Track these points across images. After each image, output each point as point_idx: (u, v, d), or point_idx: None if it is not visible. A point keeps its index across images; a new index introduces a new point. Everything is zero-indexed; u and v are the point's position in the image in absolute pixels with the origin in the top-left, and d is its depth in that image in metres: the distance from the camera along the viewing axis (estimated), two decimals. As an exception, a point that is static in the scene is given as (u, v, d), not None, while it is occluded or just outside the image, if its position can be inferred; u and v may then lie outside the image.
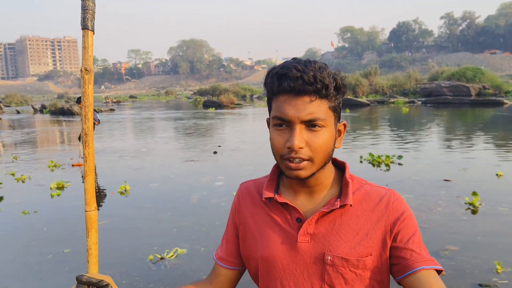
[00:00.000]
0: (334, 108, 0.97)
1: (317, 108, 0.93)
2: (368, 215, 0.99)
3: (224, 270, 1.15)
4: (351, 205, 0.99)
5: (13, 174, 8.54)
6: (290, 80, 0.92)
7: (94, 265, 0.90)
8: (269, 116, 1.02)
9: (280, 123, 0.95)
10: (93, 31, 0.85)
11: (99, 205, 6.57)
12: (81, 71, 0.87)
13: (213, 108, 32.18)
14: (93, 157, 0.89)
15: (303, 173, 0.95)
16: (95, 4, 0.86)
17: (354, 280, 0.97)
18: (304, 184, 1.01)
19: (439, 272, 0.95)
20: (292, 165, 0.94)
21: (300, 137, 0.92)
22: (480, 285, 3.50)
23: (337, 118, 0.99)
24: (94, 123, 10.48)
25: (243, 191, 1.15)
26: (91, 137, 0.88)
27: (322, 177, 1.01)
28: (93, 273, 0.90)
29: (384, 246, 0.98)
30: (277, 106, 0.95)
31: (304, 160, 0.93)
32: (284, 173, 0.98)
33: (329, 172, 1.03)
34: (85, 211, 0.89)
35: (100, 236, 4.82)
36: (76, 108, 29.88)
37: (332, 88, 0.94)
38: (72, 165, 9.77)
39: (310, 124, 0.93)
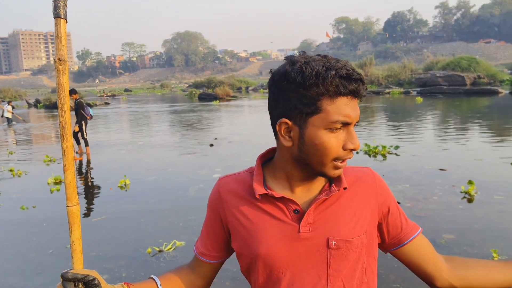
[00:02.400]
0: None
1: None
2: (361, 195, 1.04)
3: (205, 263, 1.15)
4: (345, 188, 1.02)
5: (11, 170, 8.48)
6: (354, 82, 0.92)
7: (79, 260, 0.89)
8: (300, 117, 0.95)
9: (338, 127, 0.94)
10: (65, 19, 0.83)
11: (99, 199, 6.57)
12: (54, 61, 0.85)
13: (217, 101, 31.65)
14: (72, 150, 0.87)
15: (341, 171, 1.00)
16: None
17: (356, 260, 1.00)
18: (307, 177, 1.02)
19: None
20: (342, 164, 0.97)
21: None
22: (476, 272, 3.53)
23: None
24: (87, 118, 10.40)
25: (224, 187, 1.10)
26: (69, 130, 0.85)
27: None
28: (78, 268, 0.89)
29: (374, 222, 1.05)
30: (338, 109, 0.92)
31: None
32: (326, 173, 0.97)
33: None
34: (67, 206, 0.87)
35: (99, 231, 4.84)
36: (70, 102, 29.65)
37: None
38: None
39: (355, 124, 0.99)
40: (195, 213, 5.44)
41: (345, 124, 0.94)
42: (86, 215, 5.74)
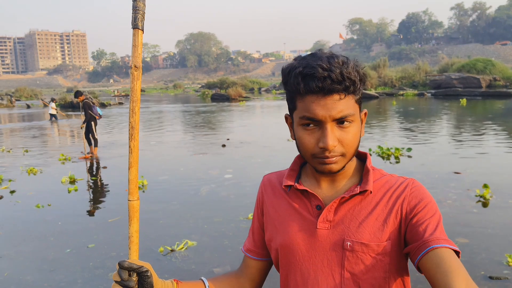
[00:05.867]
0: (359, 100, 0.97)
1: (346, 105, 0.92)
2: (387, 200, 0.99)
3: (253, 261, 1.17)
4: (371, 192, 0.99)
5: (31, 170, 8.58)
6: (317, 81, 0.89)
7: (135, 252, 0.94)
8: (290, 113, 1.02)
9: (309, 123, 0.94)
10: (142, 30, 0.90)
11: (114, 200, 6.63)
12: (130, 67, 0.91)
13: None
14: (138, 149, 0.93)
15: (336, 167, 0.96)
16: (145, 5, 0.91)
17: (374, 266, 0.96)
18: (328, 174, 1.02)
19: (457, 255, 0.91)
20: (326, 161, 0.94)
21: (333, 136, 0.92)
22: (490, 277, 3.49)
23: (360, 108, 1.00)
24: (96, 118, 10.54)
25: (265, 182, 1.17)
26: (137, 130, 0.92)
27: (346, 166, 1.02)
28: (134, 259, 0.93)
29: (401, 230, 0.97)
30: (305, 106, 0.93)
31: (337, 156, 0.95)
32: (315, 168, 0.98)
33: (352, 161, 1.04)
34: (128, 200, 0.93)
35: (112, 231, 4.87)
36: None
37: (359, 83, 0.94)
38: (79, 158, 9.90)
39: (340, 122, 0.93)
40: (206, 214, 5.46)
41: (316, 121, 0.93)
42: (102, 216, 5.80)
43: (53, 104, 22.57)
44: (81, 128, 10.56)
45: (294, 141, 1.02)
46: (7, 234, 5.08)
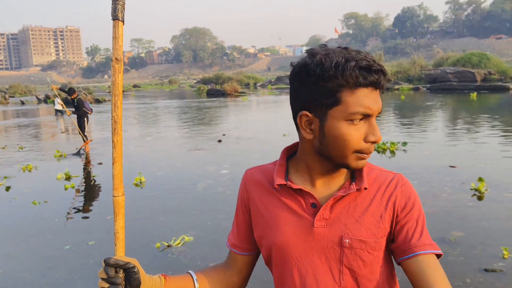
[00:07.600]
0: None
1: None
2: (380, 197, 1.01)
3: (239, 256, 1.16)
4: (365, 188, 1.00)
5: (27, 167, 8.55)
6: (375, 73, 0.91)
7: (121, 248, 0.93)
8: (321, 108, 0.95)
9: (360, 118, 0.93)
10: (123, 21, 0.88)
11: (110, 197, 6.61)
12: (111, 60, 0.89)
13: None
14: (121, 144, 0.91)
15: (365, 162, 0.99)
16: None
17: (372, 262, 0.99)
18: (327, 170, 1.02)
19: (438, 256, 0.98)
20: (366, 156, 0.96)
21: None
22: (485, 270, 3.52)
23: None
24: (88, 113, 10.70)
25: (249, 178, 1.14)
26: (120, 124, 0.90)
27: None
28: (120, 255, 0.92)
29: (391, 227, 1.01)
30: (358, 101, 0.91)
31: None
32: (348, 165, 0.97)
33: None
34: (113, 196, 0.92)
35: (111, 228, 4.86)
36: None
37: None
38: (79, 148, 10.06)
39: (376, 116, 0.97)
40: (203, 209, 5.47)
41: (366, 116, 0.93)
42: (100, 212, 5.79)
43: (59, 100, 22.85)
44: (69, 115, 10.92)
45: (310, 139, 0.98)
46: (4, 231, 5.07)
